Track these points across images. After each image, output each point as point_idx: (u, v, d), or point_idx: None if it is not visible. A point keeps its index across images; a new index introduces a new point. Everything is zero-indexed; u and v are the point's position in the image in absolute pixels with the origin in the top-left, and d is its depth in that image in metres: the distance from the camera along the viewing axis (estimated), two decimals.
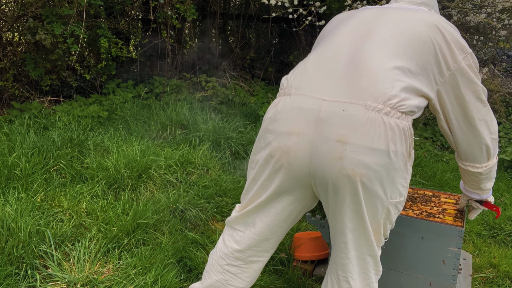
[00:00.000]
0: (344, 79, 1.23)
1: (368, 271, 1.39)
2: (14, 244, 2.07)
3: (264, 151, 1.33)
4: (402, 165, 1.23)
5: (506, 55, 6.41)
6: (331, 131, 1.19)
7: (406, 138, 1.22)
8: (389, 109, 1.18)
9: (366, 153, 1.17)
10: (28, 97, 4.26)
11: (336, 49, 1.32)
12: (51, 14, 3.72)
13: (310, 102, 1.23)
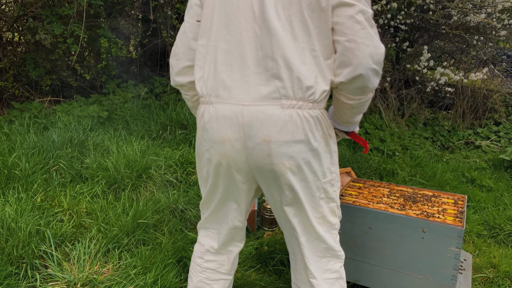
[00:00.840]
0: (257, 81, 1.31)
1: (322, 255, 1.48)
2: (14, 244, 2.07)
3: (205, 156, 1.45)
4: (324, 147, 1.38)
5: (506, 55, 6.40)
6: (256, 134, 1.31)
7: (321, 123, 1.35)
8: (301, 103, 1.30)
9: (289, 146, 1.31)
10: (28, 97, 4.26)
11: (239, 47, 1.33)
12: (51, 14, 3.72)
13: (231, 109, 1.33)
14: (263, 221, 2.69)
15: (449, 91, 4.90)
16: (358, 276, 2.08)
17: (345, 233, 2.05)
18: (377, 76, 1.29)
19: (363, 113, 1.53)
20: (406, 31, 4.87)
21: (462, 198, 2.16)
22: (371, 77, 1.27)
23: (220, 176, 1.45)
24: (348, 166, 3.49)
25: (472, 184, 3.68)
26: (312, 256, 1.47)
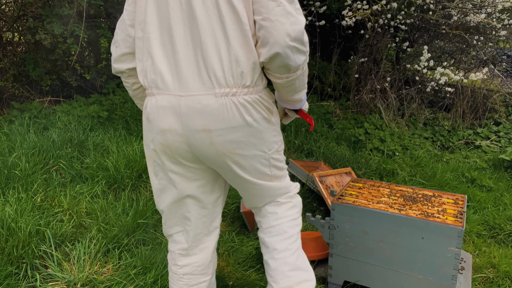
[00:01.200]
0: (189, 72, 1.32)
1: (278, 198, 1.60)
2: (14, 244, 2.07)
3: (151, 147, 1.46)
4: (266, 124, 1.41)
5: (506, 55, 6.41)
6: (194, 123, 1.33)
7: (259, 105, 1.37)
8: (235, 90, 1.31)
9: (229, 133, 1.34)
10: (28, 97, 4.26)
11: (171, 38, 1.34)
12: (51, 14, 3.72)
13: (169, 100, 1.35)
14: None
15: (449, 91, 4.90)
16: (358, 276, 2.08)
17: (345, 233, 2.05)
18: (298, 53, 1.26)
19: (306, 90, 1.50)
20: (406, 31, 4.87)
21: (462, 198, 2.16)
22: (290, 55, 1.25)
23: (166, 166, 1.45)
24: (348, 166, 3.49)
25: (472, 184, 3.68)
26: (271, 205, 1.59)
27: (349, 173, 3.19)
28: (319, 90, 5.49)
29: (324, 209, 2.98)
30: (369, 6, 4.16)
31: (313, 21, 4.55)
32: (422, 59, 4.39)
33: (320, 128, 4.42)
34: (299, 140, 3.95)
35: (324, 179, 2.99)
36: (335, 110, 5.00)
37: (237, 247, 2.44)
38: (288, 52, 1.24)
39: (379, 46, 5.26)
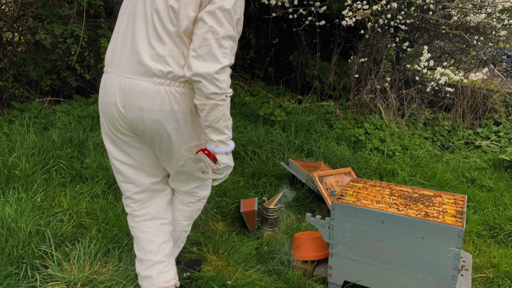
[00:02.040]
0: (134, 62, 1.61)
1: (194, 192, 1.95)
2: (14, 244, 2.07)
3: (101, 117, 1.77)
4: (190, 117, 1.67)
5: (506, 55, 6.41)
6: (133, 101, 1.61)
7: (188, 98, 1.63)
8: (169, 82, 1.60)
9: (158, 114, 1.61)
10: (28, 97, 4.26)
11: (130, 32, 1.64)
12: (51, 14, 3.72)
13: (118, 79, 1.64)
14: (263, 221, 2.69)
15: (449, 91, 4.90)
16: (358, 276, 2.08)
17: (345, 233, 2.05)
18: (212, 83, 1.52)
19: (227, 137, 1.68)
20: (406, 31, 4.87)
21: (462, 198, 2.16)
22: (206, 84, 1.52)
23: (113, 134, 1.74)
24: (348, 166, 3.49)
25: (472, 184, 3.68)
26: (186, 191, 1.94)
27: (349, 173, 3.19)
28: (319, 90, 5.49)
29: (324, 209, 2.98)
30: (369, 6, 4.16)
31: (313, 21, 4.55)
32: (422, 59, 4.39)
33: (320, 128, 4.43)
34: (299, 140, 3.95)
35: (324, 179, 2.99)
36: (335, 110, 5.00)
37: (237, 247, 2.44)
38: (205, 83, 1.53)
39: (379, 46, 5.26)
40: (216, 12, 1.50)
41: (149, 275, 1.86)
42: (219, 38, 1.51)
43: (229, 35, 1.53)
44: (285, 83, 6.01)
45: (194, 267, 2.18)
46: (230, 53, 1.55)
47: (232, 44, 1.56)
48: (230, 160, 1.71)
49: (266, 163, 3.51)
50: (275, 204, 2.68)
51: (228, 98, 1.60)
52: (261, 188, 3.15)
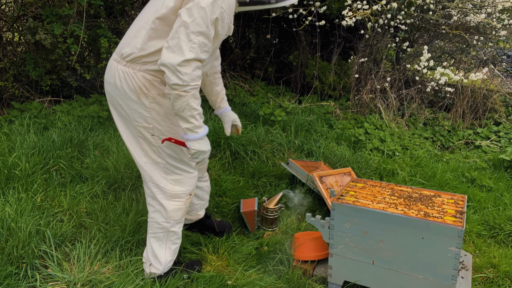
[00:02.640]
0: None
1: (145, 182, 2.01)
2: (14, 244, 2.07)
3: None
4: (134, 97, 1.83)
5: (506, 55, 6.40)
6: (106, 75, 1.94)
7: (132, 79, 1.81)
8: (119, 59, 1.85)
9: (109, 86, 1.91)
10: (28, 97, 4.26)
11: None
12: (51, 14, 3.71)
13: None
14: (263, 221, 2.69)
15: (449, 91, 4.90)
16: (358, 276, 2.08)
17: (345, 233, 2.05)
18: (173, 74, 1.63)
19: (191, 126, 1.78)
20: (406, 31, 4.87)
21: (462, 198, 2.16)
22: (168, 75, 1.64)
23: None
24: (348, 166, 3.49)
25: (472, 184, 3.68)
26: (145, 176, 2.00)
27: (349, 173, 3.19)
28: (319, 90, 5.49)
29: (324, 209, 2.98)
30: (369, 6, 4.16)
31: (313, 21, 4.55)
32: (422, 59, 4.39)
33: (320, 128, 4.42)
34: (299, 140, 3.95)
35: (324, 179, 2.99)
36: (335, 110, 5.00)
37: (237, 247, 2.44)
38: (166, 71, 1.65)
39: (379, 46, 5.26)
40: (192, 8, 1.61)
41: None
42: (189, 32, 1.61)
43: (201, 31, 1.62)
44: (285, 83, 6.01)
45: (194, 267, 2.18)
46: (199, 49, 1.63)
47: (203, 40, 1.64)
48: (201, 145, 1.81)
49: (266, 163, 3.51)
50: (275, 204, 2.68)
51: (192, 90, 1.67)
52: (261, 188, 3.15)
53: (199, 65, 1.68)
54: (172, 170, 1.95)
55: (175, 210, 1.99)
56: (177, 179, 1.97)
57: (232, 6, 1.77)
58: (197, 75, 1.67)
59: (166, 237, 2.03)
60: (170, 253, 2.06)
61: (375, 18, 4.33)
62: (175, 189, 1.97)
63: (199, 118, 1.76)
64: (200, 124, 1.77)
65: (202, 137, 1.81)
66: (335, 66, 5.48)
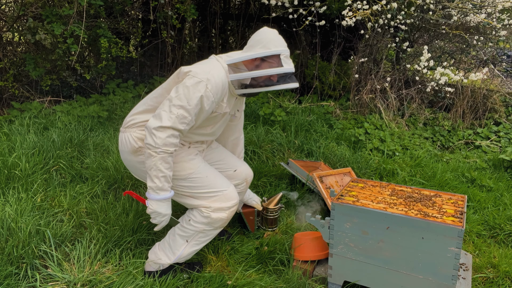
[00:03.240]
0: None
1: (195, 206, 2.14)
2: (14, 244, 2.07)
3: None
4: (132, 156, 2.12)
5: (506, 55, 6.40)
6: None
7: (124, 143, 2.12)
8: (122, 129, 2.18)
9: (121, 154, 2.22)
10: (28, 97, 4.26)
11: None
12: (51, 14, 3.71)
13: None
14: (263, 221, 2.69)
15: (449, 91, 4.90)
16: (358, 276, 2.08)
17: (345, 233, 2.05)
18: (150, 135, 1.87)
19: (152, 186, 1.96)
20: (406, 31, 4.87)
21: (462, 198, 2.16)
22: (147, 136, 1.89)
23: None
24: (348, 166, 3.49)
25: (472, 184, 3.68)
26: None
27: (349, 173, 3.19)
28: (319, 90, 5.49)
29: (324, 209, 2.98)
30: (369, 6, 4.16)
31: (313, 21, 4.55)
32: (422, 59, 4.39)
33: (320, 128, 4.42)
34: (299, 140, 3.95)
35: (324, 179, 2.99)
36: (335, 110, 5.00)
37: (237, 247, 2.44)
38: (146, 133, 1.90)
39: (379, 46, 5.26)
40: (179, 87, 1.90)
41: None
42: (171, 105, 1.87)
43: (181, 105, 1.86)
44: None
45: (194, 267, 2.18)
46: (177, 119, 1.86)
47: (182, 112, 1.86)
48: (159, 207, 1.93)
49: (266, 163, 3.51)
50: (275, 204, 2.68)
51: (162, 153, 1.86)
52: (261, 188, 3.15)
53: (175, 133, 1.88)
54: (205, 196, 2.08)
55: (218, 219, 2.08)
56: (215, 199, 2.09)
57: (222, 88, 1.96)
58: (171, 142, 1.87)
59: (194, 236, 2.10)
60: (188, 251, 2.11)
61: (375, 18, 4.33)
62: (217, 205, 2.08)
63: (164, 181, 1.91)
64: (163, 187, 1.91)
65: (163, 200, 1.93)
66: (335, 66, 5.48)
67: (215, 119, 2.10)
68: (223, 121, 2.18)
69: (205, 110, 1.93)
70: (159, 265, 2.10)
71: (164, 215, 1.96)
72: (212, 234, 2.13)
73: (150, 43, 5.23)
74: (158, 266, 2.10)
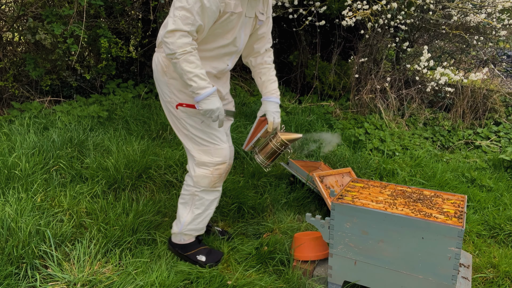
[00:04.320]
0: None
1: (187, 149, 2.20)
2: (14, 244, 2.07)
3: None
4: (160, 76, 2.11)
5: (506, 55, 6.40)
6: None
7: (156, 61, 2.11)
8: (156, 49, 2.15)
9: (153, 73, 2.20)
10: (28, 97, 4.26)
11: None
12: (51, 14, 3.71)
13: None
14: (263, 147, 2.31)
15: (449, 91, 4.90)
16: (358, 276, 2.08)
17: (345, 233, 2.06)
18: (164, 45, 1.89)
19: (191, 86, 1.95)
20: (406, 31, 4.87)
21: (462, 198, 2.16)
22: (163, 47, 1.92)
23: None
24: (348, 166, 3.49)
25: (472, 184, 3.68)
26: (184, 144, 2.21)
27: (349, 173, 3.19)
28: (319, 90, 5.49)
29: (324, 209, 2.98)
30: (369, 6, 4.16)
31: (313, 21, 4.55)
32: (422, 59, 4.39)
33: (320, 128, 4.42)
34: (299, 140, 3.95)
35: (324, 179, 2.99)
36: (335, 110, 5.00)
37: (237, 247, 2.44)
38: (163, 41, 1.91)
39: (379, 46, 5.26)
40: None
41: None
42: (174, 9, 1.87)
43: (181, 6, 1.85)
44: (285, 83, 6.01)
45: (213, 257, 2.28)
46: (180, 21, 1.84)
47: (184, 13, 1.84)
48: (208, 105, 1.97)
49: None
50: (287, 139, 2.25)
51: (182, 56, 1.87)
52: (261, 188, 3.15)
53: (184, 33, 1.86)
54: (198, 141, 2.13)
55: (201, 176, 2.15)
56: (204, 149, 2.14)
57: None
58: (183, 42, 1.86)
59: (191, 201, 2.22)
60: (191, 216, 2.23)
61: (375, 18, 4.33)
62: (202, 158, 2.14)
63: (198, 80, 1.91)
64: (199, 86, 1.92)
65: (208, 97, 1.95)
66: (335, 66, 5.48)
67: (231, 23, 2.00)
68: (242, 25, 2.07)
69: (207, 7, 1.87)
70: (179, 238, 2.28)
71: (215, 110, 1.99)
72: (204, 199, 2.21)
73: (150, 43, 5.23)
74: (179, 239, 2.28)
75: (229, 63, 2.18)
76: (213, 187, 2.20)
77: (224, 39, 2.05)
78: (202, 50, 2.02)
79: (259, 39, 2.27)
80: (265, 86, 2.37)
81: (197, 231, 2.28)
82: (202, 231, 2.32)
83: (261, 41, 2.28)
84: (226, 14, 1.95)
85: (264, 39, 2.29)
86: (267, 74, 2.36)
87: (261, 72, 2.35)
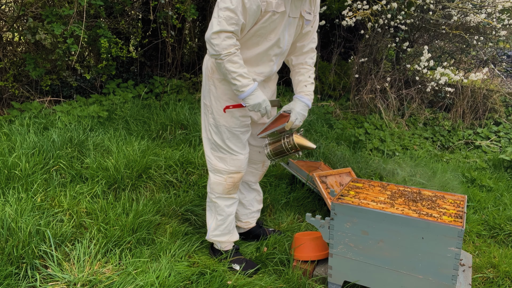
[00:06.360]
0: None
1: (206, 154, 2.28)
2: (14, 244, 2.07)
3: None
4: (206, 80, 2.19)
5: (506, 55, 6.40)
6: None
7: (207, 62, 2.17)
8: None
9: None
10: (28, 97, 4.26)
11: None
12: (51, 14, 3.71)
13: None
14: (273, 142, 2.25)
15: (449, 91, 4.90)
16: (358, 276, 2.08)
17: (345, 233, 2.06)
18: (209, 46, 1.94)
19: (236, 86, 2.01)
20: (406, 31, 4.87)
21: (462, 198, 2.16)
22: (208, 48, 1.97)
23: None
24: (348, 166, 3.49)
25: (472, 184, 3.68)
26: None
27: (349, 173, 3.19)
28: (319, 90, 5.49)
29: (324, 209, 2.98)
30: (369, 6, 4.16)
31: None
32: (422, 59, 4.39)
33: (320, 128, 4.42)
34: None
35: (324, 179, 2.99)
36: (335, 110, 5.00)
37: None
38: (207, 42, 1.97)
39: (379, 46, 5.26)
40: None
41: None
42: (218, 10, 1.91)
43: (226, 7, 1.88)
44: (285, 83, 6.01)
45: (248, 267, 2.26)
46: (225, 22, 1.88)
47: (228, 14, 1.88)
48: (253, 100, 2.04)
49: None
50: (300, 145, 2.17)
51: (226, 57, 1.93)
52: (261, 188, 3.14)
53: (229, 35, 1.91)
54: (217, 147, 2.20)
55: (216, 183, 2.23)
56: (220, 156, 2.20)
57: None
58: (228, 44, 1.91)
59: (214, 208, 2.30)
60: (215, 223, 2.30)
61: (375, 18, 4.33)
62: (218, 165, 2.21)
63: (241, 79, 1.98)
64: (243, 84, 1.98)
65: (251, 93, 2.02)
66: (335, 66, 5.48)
67: (273, 23, 1.99)
68: (286, 25, 2.04)
69: (247, 7, 1.89)
70: (218, 245, 2.34)
71: (262, 102, 2.06)
72: (222, 205, 2.27)
73: (150, 43, 5.24)
74: (219, 246, 2.34)
75: (274, 66, 2.17)
76: (227, 194, 2.25)
77: (268, 41, 2.03)
78: (246, 56, 2.05)
79: (302, 37, 2.21)
80: (300, 86, 2.28)
81: (223, 236, 2.31)
82: (231, 237, 2.34)
83: (305, 39, 2.23)
84: (268, 14, 1.94)
85: (308, 38, 2.24)
86: (305, 75, 2.28)
87: (300, 72, 2.29)
